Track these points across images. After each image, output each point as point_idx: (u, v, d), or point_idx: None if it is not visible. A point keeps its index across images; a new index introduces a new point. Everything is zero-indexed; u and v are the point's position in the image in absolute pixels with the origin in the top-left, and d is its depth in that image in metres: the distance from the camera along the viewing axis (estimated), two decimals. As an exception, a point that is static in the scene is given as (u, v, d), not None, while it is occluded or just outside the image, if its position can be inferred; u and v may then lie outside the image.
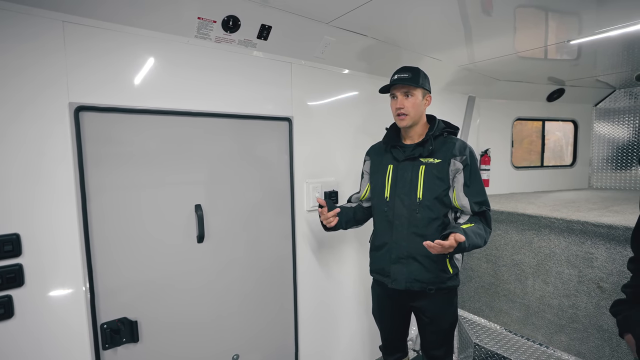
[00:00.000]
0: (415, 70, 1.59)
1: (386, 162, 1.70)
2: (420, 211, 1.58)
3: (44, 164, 1.24)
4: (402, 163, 1.64)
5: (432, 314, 1.66)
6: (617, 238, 1.95)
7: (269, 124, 1.84)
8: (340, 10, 1.59)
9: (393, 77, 1.61)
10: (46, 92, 1.23)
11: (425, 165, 1.59)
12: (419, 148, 1.63)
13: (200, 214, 1.60)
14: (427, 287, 1.60)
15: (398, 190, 1.63)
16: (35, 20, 1.19)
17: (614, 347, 1.91)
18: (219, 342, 1.75)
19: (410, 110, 1.58)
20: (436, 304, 1.65)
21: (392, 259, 1.64)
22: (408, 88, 1.58)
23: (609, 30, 1.88)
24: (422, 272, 1.59)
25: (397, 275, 1.63)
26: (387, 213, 1.65)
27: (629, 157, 3.56)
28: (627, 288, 1.24)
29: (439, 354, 1.74)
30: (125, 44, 1.37)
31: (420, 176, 1.59)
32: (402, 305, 1.76)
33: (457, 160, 1.57)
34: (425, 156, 1.60)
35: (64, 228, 1.29)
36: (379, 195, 1.70)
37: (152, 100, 1.46)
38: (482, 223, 1.53)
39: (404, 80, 1.56)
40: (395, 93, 1.61)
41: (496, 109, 3.35)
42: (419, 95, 1.60)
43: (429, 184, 1.57)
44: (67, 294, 1.31)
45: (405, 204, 1.60)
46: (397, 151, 1.67)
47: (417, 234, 1.58)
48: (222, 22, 1.50)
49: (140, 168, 1.46)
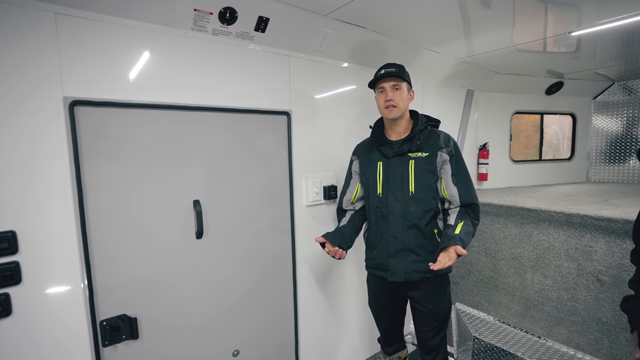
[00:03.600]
0: (400, 66, 1.66)
1: (375, 159, 1.73)
2: (413, 204, 1.63)
3: (40, 160, 1.22)
4: (392, 159, 1.68)
5: (428, 302, 1.71)
6: (616, 231, 1.96)
7: (267, 118, 1.82)
8: (339, 2, 1.56)
9: (380, 71, 1.65)
10: (40, 86, 1.20)
11: (415, 160, 1.64)
12: (406, 143, 1.67)
13: (198, 209, 1.58)
14: (426, 276, 1.66)
15: (390, 186, 1.67)
16: (25, 11, 1.16)
17: (612, 340, 1.92)
18: (219, 338, 1.74)
19: (399, 102, 1.63)
20: (432, 293, 1.71)
21: (390, 253, 1.68)
22: (396, 81, 1.63)
23: (609, 22, 1.87)
24: (419, 262, 1.64)
25: (396, 268, 1.67)
26: (382, 209, 1.69)
27: (627, 150, 3.56)
28: (633, 284, 1.24)
29: (434, 344, 1.77)
30: (120, 37, 1.34)
31: (411, 171, 1.64)
32: (398, 297, 1.81)
33: (444, 152, 1.64)
34: (413, 151, 1.65)
35: (60, 225, 1.27)
36: (372, 192, 1.73)
37: (148, 95, 1.43)
38: (469, 217, 1.61)
39: (392, 74, 1.61)
40: (383, 86, 1.65)
41: (495, 102, 3.34)
42: (405, 89, 1.65)
43: (419, 178, 1.63)
44: (65, 291, 1.29)
45: (398, 199, 1.65)
46: (386, 148, 1.70)
47: (412, 226, 1.64)
48: (218, 13, 1.47)
49: (137, 163, 1.43)
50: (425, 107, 2.65)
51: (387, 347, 2.00)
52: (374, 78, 1.67)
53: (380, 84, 1.65)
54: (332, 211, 2.16)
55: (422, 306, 1.73)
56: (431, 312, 1.72)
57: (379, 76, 1.63)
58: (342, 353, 2.33)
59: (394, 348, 2.00)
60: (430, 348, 1.79)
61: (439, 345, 1.79)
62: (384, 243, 1.70)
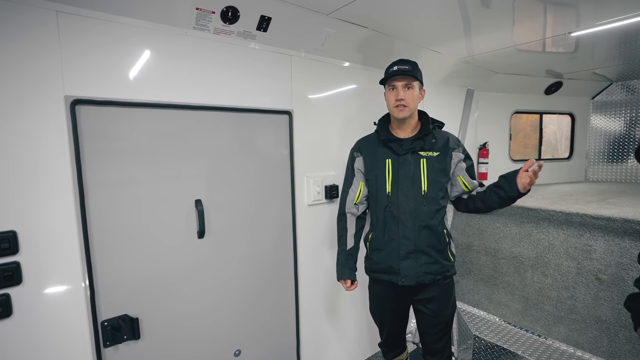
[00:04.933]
0: (414, 63, 1.59)
1: (382, 156, 1.65)
2: (426, 204, 1.58)
3: (41, 160, 1.21)
4: (403, 157, 1.61)
5: (435, 304, 1.67)
6: (615, 230, 1.97)
7: (269, 117, 1.81)
8: (341, 1, 1.56)
9: (392, 67, 1.58)
10: (40, 85, 1.19)
11: (426, 159, 1.60)
12: (418, 141, 1.62)
13: (200, 209, 1.58)
14: (437, 278, 1.62)
15: (400, 184, 1.60)
16: (26, 9, 1.14)
17: (611, 338, 1.93)
18: (220, 337, 1.74)
19: (410, 102, 1.57)
20: (439, 294, 1.66)
21: (401, 256, 1.59)
22: (409, 80, 1.56)
23: (607, 23, 1.88)
24: (431, 263, 1.60)
25: (408, 271, 1.59)
26: (391, 209, 1.61)
27: (625, 150, 3.59)
28: (639, 282, 1.26)
29: (439, 347, 1.74)
30: (122, 36, 1.33)
31: (423, 169, 1.59)
32: (405, 301, 1.75)
33: (459, 152, 1.66)
34: (426, 149, 1.61)
35: (62, 224, 1.26)
36: (380, 191, 1.64)
37: (150, 94, 1.42)
38: None
39: (406, 72, 1.54)
40: (395, 84, 1.58)
41: (494, 102, 3.35)
42: (417, 88, 1.60)
43: (432, 177, 1.59)
44: (66, 291, 1.28)
45: (410, 198, 1.58)
46: (396, 145, 1.63)
47: (425, 226, 1.58)
48: (221, 12, 1.47)
49: (138, 163, 1.43)
50: (425, 106, 2.64)
51: (389, 353, 1.95)
52: (385, 74, 1.60)
53: (392, 82, 1.58)
54: (334, 211, 2.14)
55: (429, 309, 1.68)
56: (438, 314, 1.68)
57: (392, 73, 1.55)
58: (342, 352, 2.33)
59: (396, 353, 1.96)
60: (435, 350, 1.75)
61: (444, 347, 1.76)
62: (394, 245, 1.60)
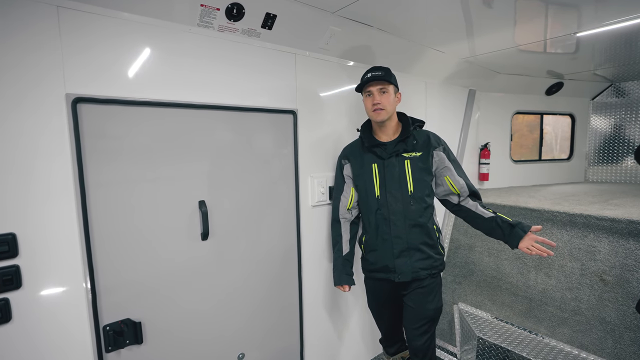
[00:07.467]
0: (386, 69, 1.68)
1: (368, 161, 1.73)
2: (414, 203, 1.66)
3: (41, 160, 1.17)
4: (388, 160, 1.68)
5: (419, 297, 1.71)
6: (620, 231, 1.97)
7: (273, 116, 1.78)
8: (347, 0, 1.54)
9: (366, 75, 1.67)
10: (41, 82, 1.15)
11: (410, 160, 1.68)
12: (401, 144, 1.69)
13: (204, 210, 1.54)
14: (432, 272, 1.70)
15: (388, 187, 1.68)
16: (27, 4, 1.11)
17: (616, 339, 1.93)
18: (224, 341, 1.70)
19: (386, 105, 1.65)
20: (423, 288, 1.72)
21: (395, 254, 1.69)
22: (383, 84, 1.64)
23: (608, 25, 1.89)
24: (424, 259, 1.69)
25: (403, 268, 1.68)
26: (382, 211, 1.70)
27: (624, 150, 3.60)
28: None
29: (421, 344, 1.73)
30: (125, 32, 1.30)
31: (408, 170, 1.66)
32: (399, 295, 1.82)
33: (440, 151, 1.71)
34: (408, 151, 1.68)
35: (62, 226, 1.22)
36: (369, 195, 1.72)
37: (153, 92, 1.39)
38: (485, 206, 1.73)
39: (379, 77, 1.62)
40: (370, 89, 1.66)
41: (495, 102, 3.35)
42: (392, 92, 1.68)
43: (417, 176, 1.67)
44: (67, 295, 1.24)
45: (398, 199, 1.67)
46: (380, 149, 1.71)
47: (414, 224, 1.67)
48: (225, 9, 1.44)
49: (141, 162, 1.39)
50: (428, 106, 2.64)
51: (389, 347, 2.01)
52: (360, 82, 1.68)
53: (367, 88, 1.67)
54: (337, 211, 2.13)
55: (413, 301, 1.73)
56: (421, 307, 1.72)
57: (366, 80, 1.65)
58: (345, 355, 2.31)
59: (396, 348, 2.00)
60: (417, 349, 1.75)
61: (427, 348, 1.75)
62: (387, 245, 1.70)
